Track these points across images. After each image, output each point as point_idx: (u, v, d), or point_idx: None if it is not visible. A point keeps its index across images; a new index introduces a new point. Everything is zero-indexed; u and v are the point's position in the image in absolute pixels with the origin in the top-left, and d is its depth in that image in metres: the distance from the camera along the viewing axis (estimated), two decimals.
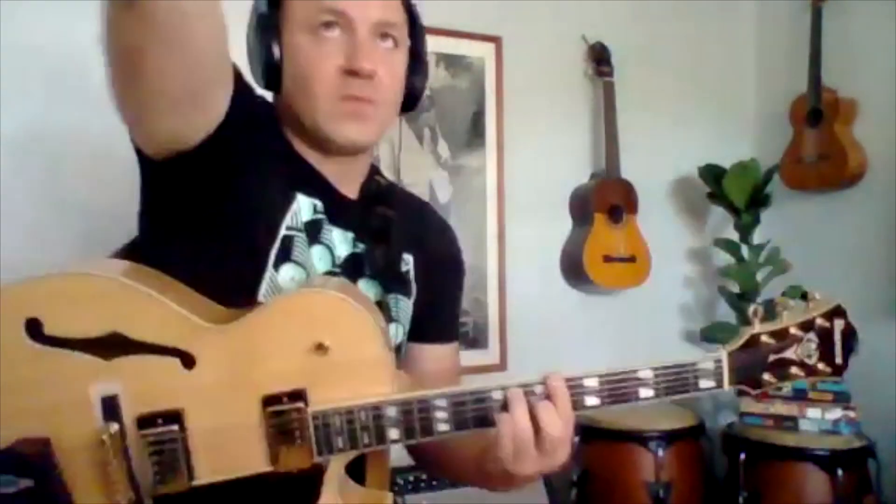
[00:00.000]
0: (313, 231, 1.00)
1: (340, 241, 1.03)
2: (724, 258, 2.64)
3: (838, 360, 0.95)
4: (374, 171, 1.11)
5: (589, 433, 2.23)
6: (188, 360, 0.87)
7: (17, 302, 0.85)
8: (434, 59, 2.32)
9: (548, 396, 0.92)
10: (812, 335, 0.95)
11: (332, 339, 0.87)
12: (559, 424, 0.89)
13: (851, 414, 2.13)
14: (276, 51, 0.96)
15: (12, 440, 0.85)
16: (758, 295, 2.55)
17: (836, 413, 2.13)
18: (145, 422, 0.86)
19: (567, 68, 2.56)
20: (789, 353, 0.94)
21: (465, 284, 1.20)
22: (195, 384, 0.87)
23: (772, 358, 0.94)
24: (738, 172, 2.53)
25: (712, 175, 2.59)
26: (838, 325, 0.96)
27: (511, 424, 0.89)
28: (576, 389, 0.93)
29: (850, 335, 0.96)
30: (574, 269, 2.46)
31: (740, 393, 0.97)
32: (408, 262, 1.10)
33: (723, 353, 0.93)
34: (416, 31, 1.04)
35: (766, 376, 0.94)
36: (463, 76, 2.37)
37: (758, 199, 2.56)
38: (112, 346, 0.86)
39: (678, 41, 2.75)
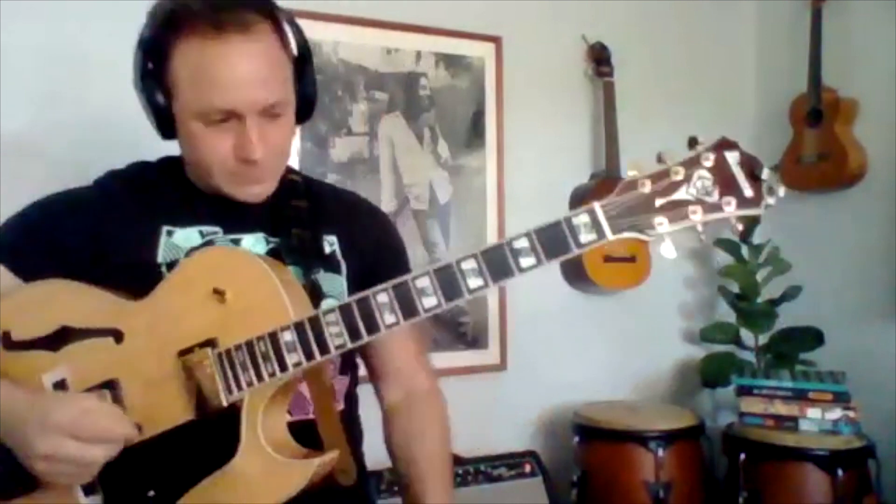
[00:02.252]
0: None
1: (253, 244, 1.12)
2: (724, 258, 2.64)
3: (747, 192, 0.85)
4: (288, 171, 1.18)
5: (589, 433, 2.23)
6: (118, 336, 1.00)
7: None
8: (434, 59, 2.32)
9: None
10: (703, 172, 0.86)
11: (227, 284, 0.96)
12: None
13: (851, 414, 2.12)
14: (160, 100, 1.04)
15: None
16: (758, 295, 2.55)
17: (836, 413, 2.13)
18: None
19: (567, 68, 2.56)
20: (680, 194, 0.86)
21: None
22: (126, 355, 1.00)
23: (659, 202, 0.85)
24: None
25: None
26: (731, 156, 0.86)
27: None
28: (455, 272, 0.90)
29: (750, 162, 0.86)
30: (574, 269, 2.46)
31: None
32: (332, 242, 1.16)
33: (595, 204, 0.87)
34: (294, 37, 1.07)
35: (659, 219, 0.85)
36: (463, 76, 2.37)
37: None
38: (61, 338, 1.01)
39: (678, 41, 2.75)
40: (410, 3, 2.26)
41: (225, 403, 0.95)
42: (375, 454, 1.36)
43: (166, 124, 1.06)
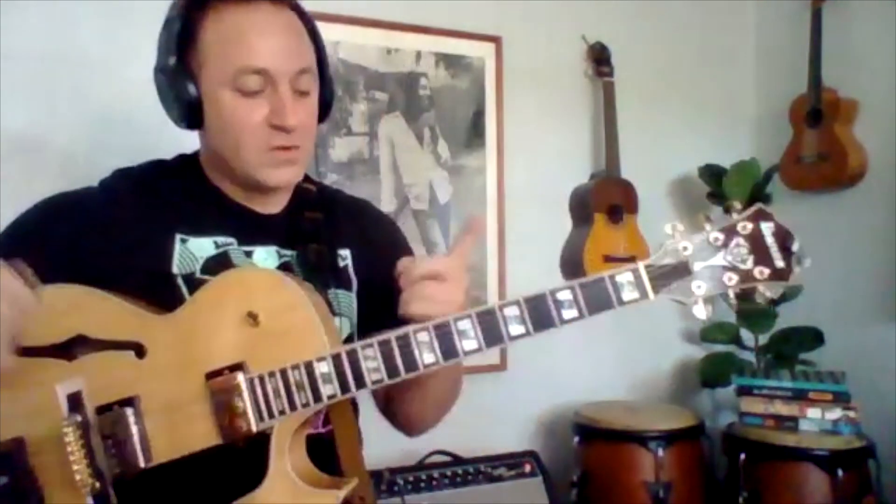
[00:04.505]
0: (224, 262, 1.05)
1: (264, 258, 1.09)
2: None
3: (779, 263, 0.87)
4: (303, 179, 1.15)
5: (589, 433, 2.23)
6: (140, 350, 0.95)
7: None
8: (434, 59, 2.32)
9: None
10: (740, 240, 0.88)
11: (261, 307, 0.93)
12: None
13: (851, 414, 2.12)
14: (192, 93, 1.02)
15: None
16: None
17: (836, 413, 2.13)
18: (104, 411, 0.94)
19: (567, 68, 2.56)
20: (717, 260, 0.88)
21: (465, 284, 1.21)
22: (148, 371, 0.95)
23: (698, 266, 0.88)
24: (738, 172, 2.53)
25: (712, 175, 2.59)
26: (767, 227, 0.88)
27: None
28: (498, 318, 0.91)
29: (783, 235, 0.88)
30: (574, 269, 2.46)
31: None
32: (345, 257, 1.14)
33: (639, 264, 0.89)
34: (319, 47, 1.09)
35: (697, 283, 0.88)
36: (463, 76, 2.37)
37: (758, 199, 2.53)
38: (76, 347, 0.96)
39: (678, 41, 2.75)
40: (410, 3, 2.26)
41: (255, 430, 0.92)
42: (375, 454, 1.36)
43: (190, 111, 1.03)
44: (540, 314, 0.90)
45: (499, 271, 2.39)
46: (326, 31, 2.16)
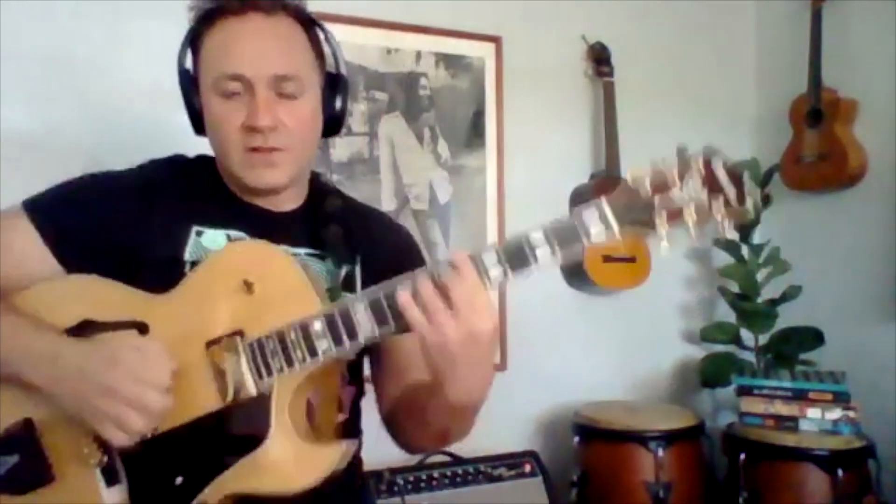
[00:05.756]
0: None
1: None
2: (724, 258, 2.64)
3: (731, 193, 0.90)
4: (315, 175, 1.24)
5: (589, 433, 2.23)
6: (143, 328, 1.01)
7: (20, 306, 1.03)
8: (434, 59, 2.32)
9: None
10: (694, 175, 0.90)
11: (256, 276, 0.99)
12: (466, 286, 0.91)
13: (851, 414, 2.12)
14: (196, 103, 1.10)
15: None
16: (758, 295, 2.55)
17: (836, 413, 2.13)
18: None
19: (567, 68, 2.56)
20: (675, 195, 0.90)
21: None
22: None
23: (657, 200, 0.90)
24: None
25: None
26: (717, 161, 0.91)
27: (416, 293, 0.92)
28: (477, 263, 0.92)
29: (734, 168, 0.92)
30: (574, 270, 2.46)
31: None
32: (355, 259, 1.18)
33: (601, 199, 0.91)
34: (330, 53, 1.14)
35: (659, 219, 0.90)
36: (463, 76, 2.37)
37: (757, 199, 2.56)
38: (84, 331, 1.01)
39: (678, 41, 2.75)
40: (410, 3, 2.26)
41: (254, 392, 0.97)
42: (375, 454, 1.36)
43: (196, 117, 1.11)
44: (515, 256, 0.92)
45: None
46: None
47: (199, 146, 1.19)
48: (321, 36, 1.13)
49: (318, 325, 0.95)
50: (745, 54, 2.89)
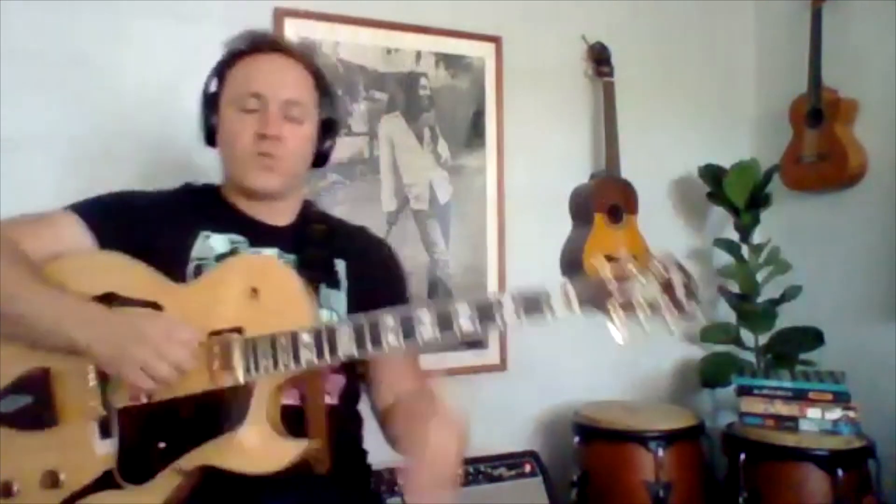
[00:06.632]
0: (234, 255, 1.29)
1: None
2: (724, 258, 2.64)
3: (684, 303, 1.08)
4: (309, 205, 1.44)
5: (589, 433, 2.23)
6: (158, 308, 1.16)
7: (53, 272, 1.19)
8: (434, 59, 2.32)
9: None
10: (653, 280, 1.09)
11: (262, 285, 1.15)
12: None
13: (851, 414, 2.12)
14: (213, 121, 1.33)
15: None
16: (758, 295, 2.56)
17: (836, 413, 2.13)
18: None
19: (567, 68, 2.56)
20: (635, 294, 1.09)
21: (465, 284, 1.36)
22: None
23: (613, 286, 1.10)
24: (738, 172, 2.53)
25: (712, 175, 2.59)
26: (676, 272, 1.09)
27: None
28: (450, 313, 1.10)
29: (689, 280, 1.09)
30: (574, 269, 2.46)
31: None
32: (339, 265, 1.35)
33: (565, 280, 1.11)
34: (329, 102, 1.38)
35: (611, 305, 1.09)
36: (463, 76, 2.37)
37: (758, 199, 2.56)
38: (107, 301, 1.16)
39: (678, 41, 2.75)
40: (410, 3, 2.26)
41: (242, 381, 1.11)
42: (376, 454, 1.37)
43: (210, 132, 1.34)
44: (485, 314, 1.09)
45: (499, 271, 2.39)
46: (326, 31, 2.18)
47: (196, 147, 1.29)
48: (321, 78, 1.38)
49: (306, 337, 1.10)
50: (745, 54, 2.89)
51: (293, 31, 2.09)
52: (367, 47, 2.22)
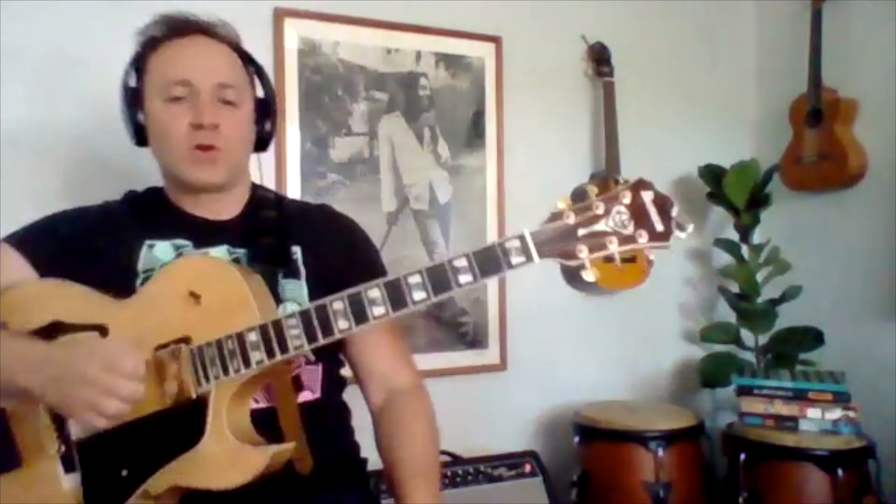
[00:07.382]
0: None
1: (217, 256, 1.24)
2: (724, 258, 2.64)
3: (658, 227, 0.95)
4: (260, 188, 1.35)
5: (589, 433, 2.24)
6: (103, 331, 1.12)
7: None
8: (434, 59, 2.32)
9: None
10: (620, 207, 0.96)
11: (202, 288, 1.08)
12: None
13: (851, 414, 2.12)
14: (140, 117, 1.24)
15: None
16: (758, 295, 2.55)
17: (836, 413, 2.13)
18: None
19: (567, 68, 2.56)
20: (600, 226, 0.96)
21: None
22: None
23: (581, 231, 0.97)
24: (739, 172, 2.53)
25: (712, 175, 2.59)
26: (647, 195, 0.96)
27: None
28: (403, 286, 1.00)
29: (663, 202, 0.96)
30: (574, 269, 2.46)
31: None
32: (295, 252, 1.27)
33: (525, 230, 0.98)
34: (262, 81, 1.29)
35: (580, 247, 0.97)
36: (463, 76, 2.36)
37: (758, 199, 2.56)
38: (53, 331, 1.13)
39: (678, 41, 2.75)
40: (410, 3, 2.26)
41: (193, 395, 1.06)
42: (376, 455, 1.36)
43: (139, 131, 1.25)
44: (438, 280, 0.99)
45: None
46: (326, 31, 2.18)
47: None
48: (247, 58, 1.29)
49: (253, 336, 1.04)
50: (745, 54, 2.89)
51: (293, 31, 2.09)
52: (367, 47, 2.22)
